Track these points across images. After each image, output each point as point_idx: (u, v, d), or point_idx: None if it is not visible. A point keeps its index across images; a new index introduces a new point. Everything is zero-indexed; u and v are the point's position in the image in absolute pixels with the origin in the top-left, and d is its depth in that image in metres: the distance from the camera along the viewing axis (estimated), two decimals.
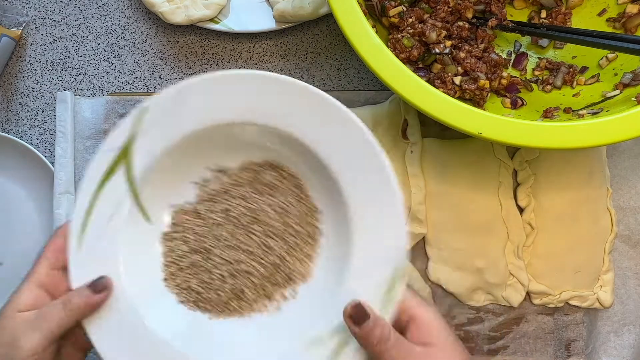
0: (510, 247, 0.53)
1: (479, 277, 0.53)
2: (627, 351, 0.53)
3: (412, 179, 0.54)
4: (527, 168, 0.54)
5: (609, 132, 0.40)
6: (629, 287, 0.55)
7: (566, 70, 0.53)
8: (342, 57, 0.60)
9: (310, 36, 0.60)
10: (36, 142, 0.59)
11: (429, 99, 0.42)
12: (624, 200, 0.55)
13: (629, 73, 0.49)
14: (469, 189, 0.54)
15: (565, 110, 0.50)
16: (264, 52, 0.60)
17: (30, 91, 0.59)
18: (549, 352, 0.54)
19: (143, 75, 0.60)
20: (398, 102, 0.54)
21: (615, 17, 0.53)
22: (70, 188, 0.54)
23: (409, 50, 0.51)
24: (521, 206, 0.54)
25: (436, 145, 0.55)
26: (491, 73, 0.52)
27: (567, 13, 0.55)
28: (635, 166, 0.56)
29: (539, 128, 0.41)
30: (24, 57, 0.60)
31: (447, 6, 0.52)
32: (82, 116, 0.56)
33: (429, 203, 0.54)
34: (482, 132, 0.41)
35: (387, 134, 0.54)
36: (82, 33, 0.60)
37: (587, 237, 0.53)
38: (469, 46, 0.52)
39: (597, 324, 0.54)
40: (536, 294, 0.53)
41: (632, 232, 0.55)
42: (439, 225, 0.54)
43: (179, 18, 0.57)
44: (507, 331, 0.54)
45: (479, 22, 0.54)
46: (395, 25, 0.53)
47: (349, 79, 0.60)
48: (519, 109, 0.52)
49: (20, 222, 0.57)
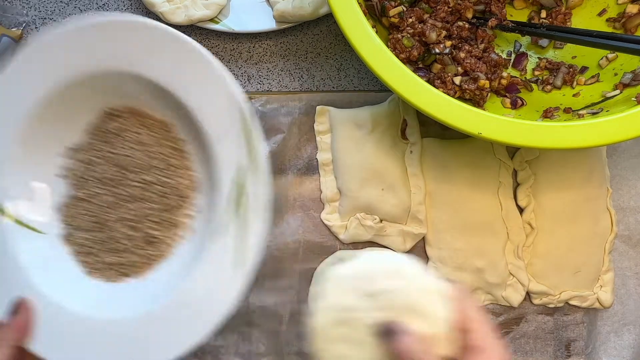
0: (510, 247, 0.53)
1: (479, 277, 0.53)
2: (627, 351, 0.53)
3: (411, 179, 0.54)
4: (527, 168, 0.54)
5: (609, 132, 0.41)
6: (629, 287, 0.55)
7: (566, 70, 0.53)
8: (342, 57, 0.60)
9: (310, 36, 0.60)
10: None
11: (429, 99, 0.42)
12: (624, 200, 0.55)
13: (629, 73, 0.49)
14: (468, 189, 0.54)
15: (565, 110, 0.50)
16: (264, 52, 0.60)
17: None
18: (549, 352, 0.54)
19: None
20: (397, 102, 0.54)
21: (615, 17, 0.53)
22: None
23: (409, 50, 0.51)
24: (521, 206, 0.54)
25: (436, 145, 0.55)
26: (491, 73, 0.52)
27: (567, 13, 0.55)
28: (635, 166, 0.56)
29: (539, 128, 0.41)
30: None
31: (447, 6, 0.52)
32: None
33: (429, 203, 0.54)
34: (482, 132, 0.41)
35: (387, 134, 0.54)
36: None
37: (587, 237, 0.53)
38: (469, 46, 0.52)
39: (597, 324, 0.54)
40: (536, 294, 0.53)
41: (632, 232, 0.55)
42: (439, 225, 0.54)
43: (179, 18, 0.57)
44: (507, 331, 0.54)
45: (479, 22, 0.54)
46: (395, 25, 0.53)
47: (349, 79, 0.60)
48: (519, 109, 0.52)
49: None
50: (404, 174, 0.54)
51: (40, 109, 0.44)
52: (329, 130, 0.56)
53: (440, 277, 0.35)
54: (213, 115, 0.43)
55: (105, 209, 0.46)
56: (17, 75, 0.43)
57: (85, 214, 0.46)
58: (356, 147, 0.54)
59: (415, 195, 0.54)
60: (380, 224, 0.54)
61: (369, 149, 0.54)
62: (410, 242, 0.54)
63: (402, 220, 0.54)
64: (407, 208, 0.54)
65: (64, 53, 0.43)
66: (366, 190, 0.54)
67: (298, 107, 0.56)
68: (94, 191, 0.46)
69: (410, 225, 0.54)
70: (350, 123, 0.54)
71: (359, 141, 0.54)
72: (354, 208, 0.54)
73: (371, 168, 0.53)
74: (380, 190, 0.53)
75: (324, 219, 0.54)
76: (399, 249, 0.54)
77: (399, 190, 0.54)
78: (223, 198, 0.43)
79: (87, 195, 0.46)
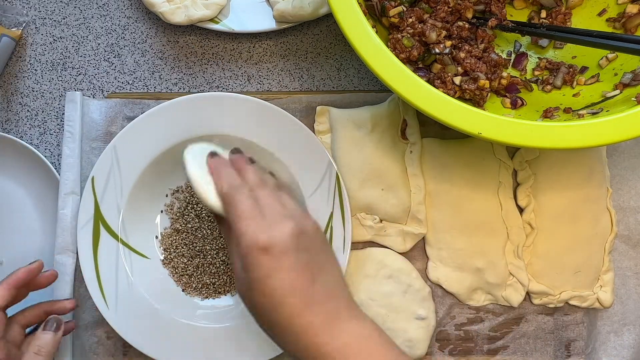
0: (510, 247, 0.53)
1: (479, 277, 0.53)
2: (627, 351, 0.53)
3: (411, 179, 0.54)
4: (527, 168, 0.54)
5: (609, 132, 0.40)
6: (629, 287, 0.55)
7: (566, 70, 0.53)
8: (342, 57, 0.60)
9: (310, 36, 0.60)
10: (36, 142, 0.59)
11: (429, 99, 0.42)
12: (624, 200, 0.55)
13: (629, 73, 0.49)
14: (468, 189, 0.54)
15: (565, 110, 0.50)
16: (264, 52, 0.60)
17: (30, 91, 0.59)
18: (549, 352, 0.54)
19: (143, 75, 0.60)
20: (397, 103, 0.54)
21: (615, 17, 0.53)
22: (76, 189, 0.54)
23: (409, 50, 0.51)
24: (521, 206, 0.54)
25: (436, 145, 0.55)
26: (491, 73, 0.52)
27: (567, 13, 0.55)
28: (635, 166, 0.56)
29: (539, 128, 0.41)
30: (24, 57, 0.60)
31: (447, 6, 0.52)
32: (89, 117, 0.56)
33: (429, 203, 0.54)
34: (482, 132, 0.41)
35: (387, 134, 0.54)
36: (82, 33, 0.60)
37: (587, 237, 0.53)
38: (469, 46, 0.52)
39: (597, 324, 0.54)
40: (536, 294, 0.53)
41: (632, 232, 0.55)
42: (439, 225, 0.54)
43: (179, 18, 0.57)
44: (507, 331, 0.54)
45: (479, 22, 0.53)
46: (395, 25, 0.53)
47: (349, 79, 0.60)
48: (519, 109, 0.52)
49: (20, 221, 0.57)
50: (404, 174, 0.54)
51: (158, 159, 0.53)
52: (329, 130, 0.56)
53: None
54: (307, 173, 0.52)
55: (202, 239, 0.55)
56: (146, 129, 0.52)
57: (183, 243, 0.55)
58: (356, 147, 0.54)
59: (415, 195, 0.54)
60: (380, 224, 0.54)
61: (369, 149, 0.54)
62: (410, 242, 0.54)
63: (402, 220, 0.54)
64: (407, 208, 0.54)
65: (184, 118, 0.53)
66: (366, 190, 0.53)
67: (298, 107, 0.56)
68: (192, 225, 0.55)
69: (410, 225, 0.54)
70: (350, 123, 0.54)
71: (359, 141, 0.54)
72: (354, 208, 0.54)
73: (371, 168, 0.53)
74: (380, 190, 0.53)
75: None
76: (399, 248, 0.54)
77: (399, 190, 0.54)
78: None
79: (185, 228, 0.55)
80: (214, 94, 0.53)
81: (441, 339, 0.54)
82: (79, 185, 0.54)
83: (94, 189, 0.52)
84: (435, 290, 0.54)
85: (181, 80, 0.60)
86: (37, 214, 0.57)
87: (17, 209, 0.57)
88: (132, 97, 0.57)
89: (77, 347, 0.53)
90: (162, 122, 0.52)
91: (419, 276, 0.54)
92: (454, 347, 0.54)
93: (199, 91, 0.59)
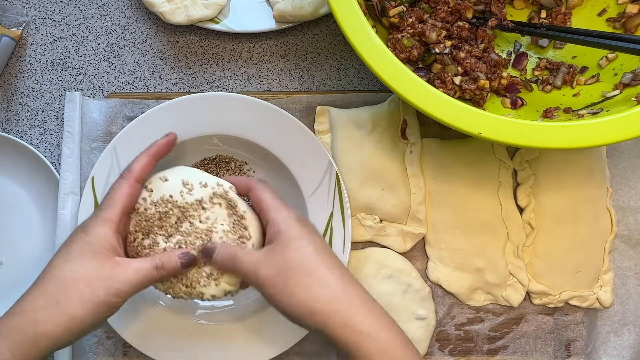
0: (510, 247, 0.53)
1: (479, 277, 0.53)
2: (627, 351, 0.53)
3: (411, 179, 0.54)
4: (527, 168, 0.54)
5: (609, 132, 0.40)
6: (629, 287, 0.55)
7: (566, 70, 0.53)
8: (342, 57, 0.60)
9: (310, 36, 0.60)
10: (36, 142, 0.59)
11: (429, 99, 0.42)
12: (624, 200, 0.55)
13: (629, 73, 0.49)
14: (468, 189, 0.54)
15: (565, 110, 0.50)
16: (264, 52, 0.60)
17: (30, 91, 0.59)
18: (549, 352, 0.54)
19: (143, 75, 0.60)
20: (397, 103, 0.54)
21: (615, 17, 0.53)
22: (75, 189, 0.54)
23: (409, 50, 0.51)
24: (521, 206, 0.54)
25: (436, 145, 0.55)
26: (491, 73, 0.52)
27: (567, 13, 0.55)
28: (635, 166, 0.56)
29: (539, 128, 0.41)
30: (24, 57, 0.60)
31: (447, 6, 0.52)
32: (89, 117, 0.56)
33: (429, 203, 0.54)
34: (482, 132, 0.41)
35: (387, 134, 0.54)
36: (82, 33, 0.60)
37: (587, 237, 0.53)
38: (469, 46, 0.52)
39: (597, 324, 0.54)
40: (536, 294, 0.53)
41: (632, 232, 0.55)
42: (438, 225, 0.54)
43: (179, 18, 0.57)
44: (507, 331, 0.54)
45: (479, 22, 0.53)
46: (395, 25, 0.53)
47: (349, 79, 0.60)
48: (519, 109, 0.52)
49: (20, 221, 0.57)
50: (404, 174, 0.54)
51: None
52: (329, 130, 0.56)
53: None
54: (306, 173, 0.52)
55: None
56: (146, 129, 0.52)
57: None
58: (356, 147, 0.54)
59: (415, 195, 0.54)
60: (380, 224, 0.54)
61: (369, 149, 0.54)
62: (410, 242, 0.54)
63: (402, 220, 0.54)
64: (407, 208, 0.54)
65: (184, 118, 0.52)
66: (366, 190, 0.53)
67: (298, 107, 0.56)
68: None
69: (410, 225, 0.54)
70: (350, 123, 0.54)
71: (359, 141, 0.54)
72: (354, 208, 0.54)
73: (371, 168, 0.53)
74: (380, 190, 0.53)
75: None
76: (399, 248, 0.54)
77: (399, 190, 0.54)
78: None
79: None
80: (214, 94, 0.53)
81: (441, 339, 0.54)
82: (79, 185, 0.54)
83: (93, 189, 0.52)
84: (435, 290, 0.54)
85: (181, 80, 0.60)
86: (37, 214, 0.57)
87: (17, 209, 0.57)
88: (132, 97, 0.57)
89: (77, 347, 0.53)
90: (162, 122, 0.52)
91: (419, 276, 0.54)
92: (454, 347, 0.54)
93: (199, 91, 0.59)
